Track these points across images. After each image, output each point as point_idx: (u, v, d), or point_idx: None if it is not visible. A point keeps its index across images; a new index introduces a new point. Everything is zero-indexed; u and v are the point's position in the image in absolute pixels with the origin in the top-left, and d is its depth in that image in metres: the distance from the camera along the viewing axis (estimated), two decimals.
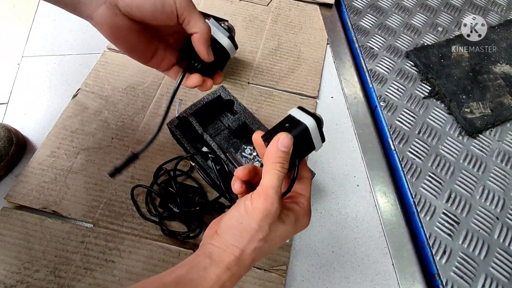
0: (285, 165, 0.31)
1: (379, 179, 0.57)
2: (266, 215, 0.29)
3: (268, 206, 0.29)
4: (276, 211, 0.30)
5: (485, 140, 0.60)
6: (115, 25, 0.34)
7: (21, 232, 0.48)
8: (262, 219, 0.30)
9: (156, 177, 0.53)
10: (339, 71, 0.69)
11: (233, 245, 0.30)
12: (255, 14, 0.75)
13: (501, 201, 0.55)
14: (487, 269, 0.49)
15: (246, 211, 0.30)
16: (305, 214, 0.33)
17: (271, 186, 0.30)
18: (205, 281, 0.29)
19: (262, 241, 0.30)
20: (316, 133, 0.32)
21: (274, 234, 0.31)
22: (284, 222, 0.31)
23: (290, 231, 0.32)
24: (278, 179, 0.30)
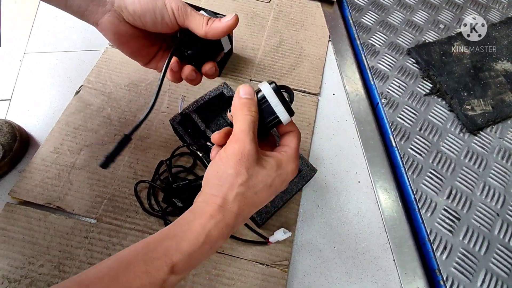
0: (252, 109, 0.32)
1: (380, 175, 0.58)
2: (240, 159, 0.30)
3: (241, 149, 0.30)
4: (250, 153, 0.30)
5: (486, 137, 0.60)
6: (119, 31, 0.36)
7: (25, 227, 0.49)
8: (236, 162, 0.30)
9: (158, 172, 0.53)
10: (341, 68, 0.70)
11: (214, 195, 0.30)
12: (257, 11, 0.75)
13: (501, 197, 0.55)
14: (487, 264, 0.50)
15: (221, 159, 0.31)
16: (288, 160, 0.33)
17: (240, 130, 0.31)
18: (190, 232, 0.29)
19: (243, 186, 0.30)
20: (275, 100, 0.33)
21: (255, 179, 0.31)
22: (264, 167, 0.31)
23: (274, 176, 0.32)
24: (246, 122, 0.31)
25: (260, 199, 0.32)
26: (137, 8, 0.34)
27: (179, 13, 0.34)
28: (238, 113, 0.32)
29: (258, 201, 0.32)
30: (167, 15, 0.34)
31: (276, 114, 0.33)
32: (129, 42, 0.38)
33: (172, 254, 0.28)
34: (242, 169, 0.30)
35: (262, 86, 0.33)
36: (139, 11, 0.34)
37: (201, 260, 0.30)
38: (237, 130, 0.31)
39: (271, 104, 0.33)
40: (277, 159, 0.33)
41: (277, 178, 0.32)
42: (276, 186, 0.32)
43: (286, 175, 0.33)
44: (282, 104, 0.33)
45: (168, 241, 0.29)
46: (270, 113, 0.33)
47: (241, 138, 0.30)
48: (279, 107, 0.33)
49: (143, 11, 0.34)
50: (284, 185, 0.34)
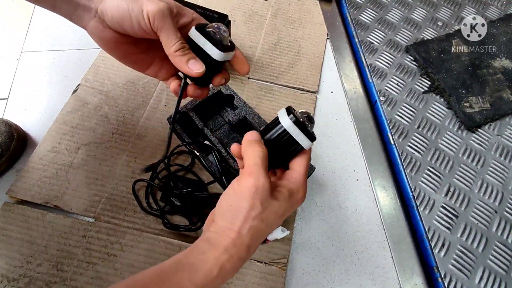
0: (262, 146, 0.32)
1: (378, 173, 0.58)
2: (255, 192, 0.30)
3: (255, 182, 0.30)
4: (264, 187, 0.30)
5: (484, 135, 0.60)
6: (105, 37, 0.36)
7: (23, 226, 0.49)
8: (251, 196, 0.30)
9: (156, 171, 0.53)
10: (339, 66, 0.69)
11: (228, 228, 0.31)
12: (255, 9, 0.75)
13: (499, 194, 0.55)
14: (485, 261, 0.50)
15: (235, 193, 0.31)
16: (299, 188, 0.33)
17: (254, 163, 0.31)
18: (204, 263, 0.29)
19: (257, 219, 0.30)
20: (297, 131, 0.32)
21: (268, 211, 0.31)
22: (277, 199, 0.31)
23: (285, 206, 0.32)
24: (259, 156, 0.31)
25: (270, 228, 0.32)
26: (115, 13, 0.33)
27: (155, 21, 0.33)
28: (249, 149, 0.32)
29: (269, 231, 0.32)
30: (143, 21, 0.33)
31: (298, 143, 0.33)
32: (118, 48, 0.38)
33: (185, 284, 0.28)
34: (257, 202, 0.30)
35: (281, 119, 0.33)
36: (117, 17, 0.33)
37: None
38: (250, 163, 0.31)
39: (293, 135, 0.33)
40: (289, 188, 0.32)
41: (289, 207, 0.32)
42: (287, 214, 0.33)
43: (296, 203, 0.33)
44: (304, 133, 0.33)
45: (182, 272, 0.29)
46: (291, 143, 0.33)
47: (255, 172, 0.30)
48: (300, 136, 0.33)
49: (121, 17, 0.33)
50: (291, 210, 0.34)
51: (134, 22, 0.33)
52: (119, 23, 0.34)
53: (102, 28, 0.35)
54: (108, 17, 0.34)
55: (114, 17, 0.34)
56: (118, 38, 0.36)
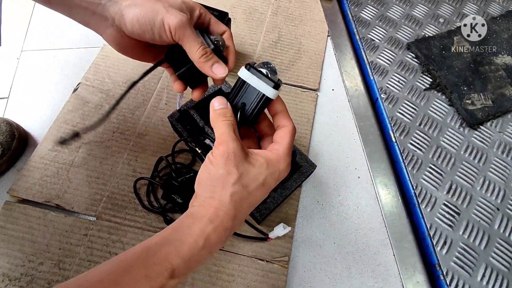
0: (227, 114, 0.33)
1: (380, 171, 0.57)
2: (227, 157, 0.31)
3: (226, 148, 0.31)
4: (235, 151, 0.31)
5: (486, 132, 0.60)
6: (122, 43, 0.37)
7: (24, 225, 0.49)
8: (225, 162, 0.30)
9: (157, 169, 0.53)
10: (340, 63, 0.69)
11: (209, 197, 0.31)
12: (255, 6, 0.74)
13: (501, 192, 0.55)
14: (487, 259, 0.50)
15: (210, 162, 0.31)
16: (279, 159, 0.33)
17: (221, 133, 0.32)
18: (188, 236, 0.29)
19: (237, 185, 0.30)
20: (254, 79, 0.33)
21: (246, 177, 0.31)
22: (254, 165, 0.32)
23: (265, 174, 0.32)
24: (225, 125, 0.32)
25: (254, 198, 0.32)
26: (136, 26, 0.34)
27: (176, 32, 0.34)
28: (216, 123, 0.33)
29: (253, 201, 0.32)
30: (164, 34, 0.34)
31: (261, 92, 0.34)
32: (134, 51, 0.39)
33: (172, 259, 0.28)
34: (232, 168, 0.30)
35: (239, 73, 0.34)
36: (137, 29, 0.34)
37: (200, 263, 0.30)
38: (218, 134, 0.32)
39: (252, 84, 0.34)
40: (266, 157, 0.33)
41: (269, 176, 0.32)
42: (270, 184, 0.33)
43: (278, 174, 0.33)
44: (262, 80, 0.33)
45: (168, 246, 0.29)
46: (255, 95, 0.34)
47: (224, 140, 0.31)
48: (260, 83, 0.33)
49: (141, 29, 0.34)
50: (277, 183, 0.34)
51: (155, 35, 0.34)
52: (139, 35, 0.35)
53: (119, 36, 0.36)
54: (128, 28, 0.35)
55: (135, 29, 0.34)
56: (136, 43, 0.37)
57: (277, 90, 0.34)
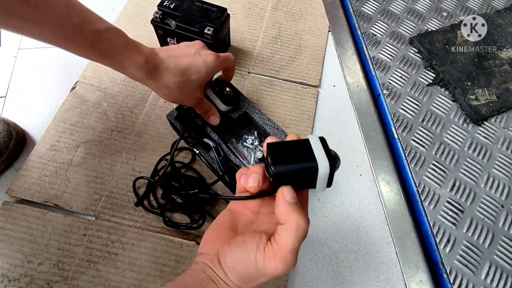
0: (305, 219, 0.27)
1: (382, 168, 0.57)
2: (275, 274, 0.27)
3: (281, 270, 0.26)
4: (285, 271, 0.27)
5: (490, 128, 0.59)
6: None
7: (23, 225, 0.48)
8: (270, 276, 0.27)
9: (157, 169, 0.52)
10: (341, 59, 0.68)
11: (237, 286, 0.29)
12: (255, 2, 0.73)
13: (506, 188, 0.54)
14: (492, 257, 0.49)
15: (256, 266, 0.27)
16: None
17: (289, 250, 0.26)
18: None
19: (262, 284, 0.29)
20: (325, 178, 0.28)
21: None
22: None
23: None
24: (297, 240, 0.26)
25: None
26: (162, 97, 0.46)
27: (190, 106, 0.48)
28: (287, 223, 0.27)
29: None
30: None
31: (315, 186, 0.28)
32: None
33: None
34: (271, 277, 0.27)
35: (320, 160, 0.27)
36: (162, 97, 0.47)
37: None
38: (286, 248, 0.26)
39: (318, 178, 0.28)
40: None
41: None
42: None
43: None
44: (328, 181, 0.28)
45: None
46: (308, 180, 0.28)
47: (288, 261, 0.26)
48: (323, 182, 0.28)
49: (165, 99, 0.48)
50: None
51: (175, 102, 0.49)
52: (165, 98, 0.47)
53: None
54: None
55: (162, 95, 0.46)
56: None
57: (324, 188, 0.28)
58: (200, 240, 0.49)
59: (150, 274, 0.46)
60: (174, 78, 0.43)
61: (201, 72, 0.44)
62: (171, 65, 0.42)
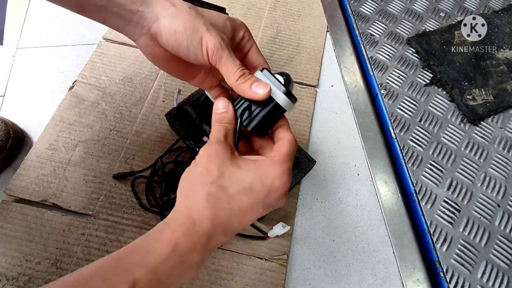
0: (223, 120, 0.32)
1: (379, 167, 0.57)
2: (209, 156, 0.29)
3: (209, 148, 0.30)
4: (218, 151, 0.30)
5: (487, 127, 0.60)
6: (155, 53, 0.35)
7: (21, 225, 0.48)
8: (206, 160, 0.29)
9: (155, 168, 0.53)
10: (339, 59, 0.68)
11: (184, 196, 0.28)
12: (253, 2, 0.73)
13: (502, 188, 0.54)
14: (488, 256, 0.49)
15: (194, 162, 0.30)
16: (272, 163, 0.29)
17: (212, 135, 0.32)
18: (157, 243, 0.26)
19: (214, 185, 0.28)
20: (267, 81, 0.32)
21: (228, 178, 0.28)
22: (239, 167, 0.29)
23: (251, 177, 0.29)
24: (217, 130, 0.32)
25: (238, 204, 0.28)
26: (172, 39, 0.32)
27: (213, 55, 0.32)
28: (213, 126, 0.33)
29: (237, 207, 0.28)
30: (200, 54, 0.32)
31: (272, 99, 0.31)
32: (166, 63, 0.37)
33: (133, 268, 0.25)
34: (212, 166, 0.28)
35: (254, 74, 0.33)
36: (172, 42, 0.32)
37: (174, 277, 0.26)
38: (210, 138, 0.32)
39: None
40: (257, 160, 0.30)
41: (257, 181, 0.28)
42: (258, 191, 0.28)
43: (271, 180, 0.29)
44: (276, 85, 0.31)
45: (133, 254, 0.26)
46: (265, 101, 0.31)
47: (212, 141, 0.31)
48: (274, 88, 0.31)
49: (176, 43, 0.32)
50: (274, 197, 0.30)
51: (190, 52, 0.32)
52: (173, 48, 0.33)
53: (153, 45, 0.35)
54: (163, 39, 0.33)
55: (170, 43, 0.32)
56: (167, 55, 0.35)
57: (290, 101, 0.31)
58: None
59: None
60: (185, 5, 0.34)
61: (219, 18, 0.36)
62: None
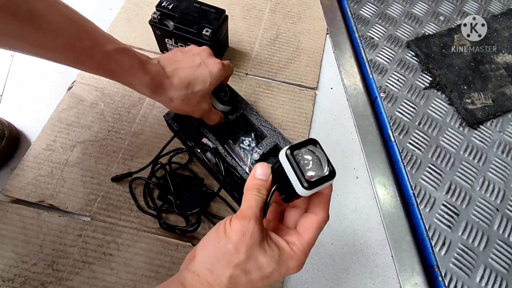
0: (262, 191, 0.30)
1: (378, 170, 0.57)
2: (244, 234, 0.28)
3: (245, 225, 0.28)
4: (253, 231, 0.28)
5: (486, 131, 0.60)
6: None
7: (18, 225, 0.48)
8: (239, 239, 0.28)
9: (153, 169, 0.52)
10: (339, 62, 0.68)
11: (207, 270, 0.28)
12: (253, 4, 0.73)
13: (501, 192, 0.54)
14: (486, 260, 0.49)
15: (224, 231, 0.29)
16: (292, 256, 0.30)
17: (248, 206, 0.29)
18: None
19: (239, 268, 0.28)
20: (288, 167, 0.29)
21: (253, 263, 0.28)
22: (265, 253, 0.29)
23: (272, 267, 0.29)
24: (255, 201, 0.30)
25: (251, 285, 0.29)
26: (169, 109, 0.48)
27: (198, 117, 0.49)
28: (248, 192, 0.31)
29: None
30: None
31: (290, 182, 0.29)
32: None
33: None
34: (243, 247, 0.28)
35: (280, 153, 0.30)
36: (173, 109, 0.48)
37: None
38: (244, 207, 0.30)
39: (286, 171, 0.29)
40: (281, 250, 0.30)
41: (276, 271, 0.29)
42: (273, 278, 0.30)
43: (286, 270, 0.30)
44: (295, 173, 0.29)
45: None
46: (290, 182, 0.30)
47: (248, 215, 0.29)
48: (292, 176, 0.29)
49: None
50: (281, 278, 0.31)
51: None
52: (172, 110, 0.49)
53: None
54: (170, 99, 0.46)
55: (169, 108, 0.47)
56: None
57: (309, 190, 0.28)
58: (196, 242, 0.49)
59: (145, 275, 0.46)
60: (177, 93, 0.44)
61: (205, 83, 0.46)
62: (175, 81, 0.44)
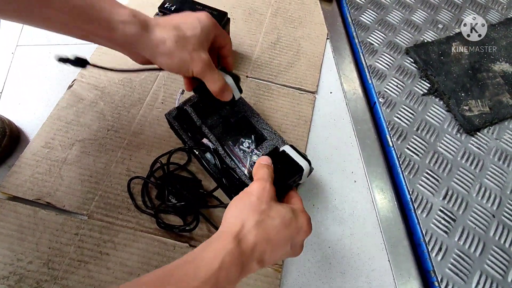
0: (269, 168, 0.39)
1: (376, 175, 0.57)
2: (263, 189, 0.34)
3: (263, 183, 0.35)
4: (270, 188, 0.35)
5: (483, 138, 0.60)
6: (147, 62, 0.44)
7: (14, 223, 0.48)
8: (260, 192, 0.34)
9: (152, 169, 0.52)
10: (339, 67, 0.69)
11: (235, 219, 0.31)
12: (255, 7, 0.74)
13: (497, 199, 0.55)
14: (482, 266, 0.49)
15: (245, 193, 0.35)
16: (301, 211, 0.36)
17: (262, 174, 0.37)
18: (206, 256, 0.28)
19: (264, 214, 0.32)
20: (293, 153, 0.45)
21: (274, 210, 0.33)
22: (281, 205, 0.35)
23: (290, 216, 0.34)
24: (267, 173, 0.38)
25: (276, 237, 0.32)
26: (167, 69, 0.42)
27: (199, 75, 0.42)
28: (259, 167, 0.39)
29: (275, 240, 0.32)
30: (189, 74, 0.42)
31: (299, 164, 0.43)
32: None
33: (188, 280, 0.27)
34: (264, 198, 0.33)
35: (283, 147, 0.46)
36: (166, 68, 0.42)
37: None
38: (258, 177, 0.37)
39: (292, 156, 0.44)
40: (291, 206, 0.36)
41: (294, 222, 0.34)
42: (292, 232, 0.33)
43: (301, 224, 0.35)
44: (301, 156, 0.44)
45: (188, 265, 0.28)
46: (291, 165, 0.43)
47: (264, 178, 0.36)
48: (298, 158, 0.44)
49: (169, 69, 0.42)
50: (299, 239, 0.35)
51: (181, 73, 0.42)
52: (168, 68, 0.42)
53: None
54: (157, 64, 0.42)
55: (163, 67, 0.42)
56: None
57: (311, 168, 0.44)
58: (193, 243, 0.48)
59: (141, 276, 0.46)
60: (167, 32, 0.39)
61: (195, 28, 0.41)
62: (160, 21, 0.40)
